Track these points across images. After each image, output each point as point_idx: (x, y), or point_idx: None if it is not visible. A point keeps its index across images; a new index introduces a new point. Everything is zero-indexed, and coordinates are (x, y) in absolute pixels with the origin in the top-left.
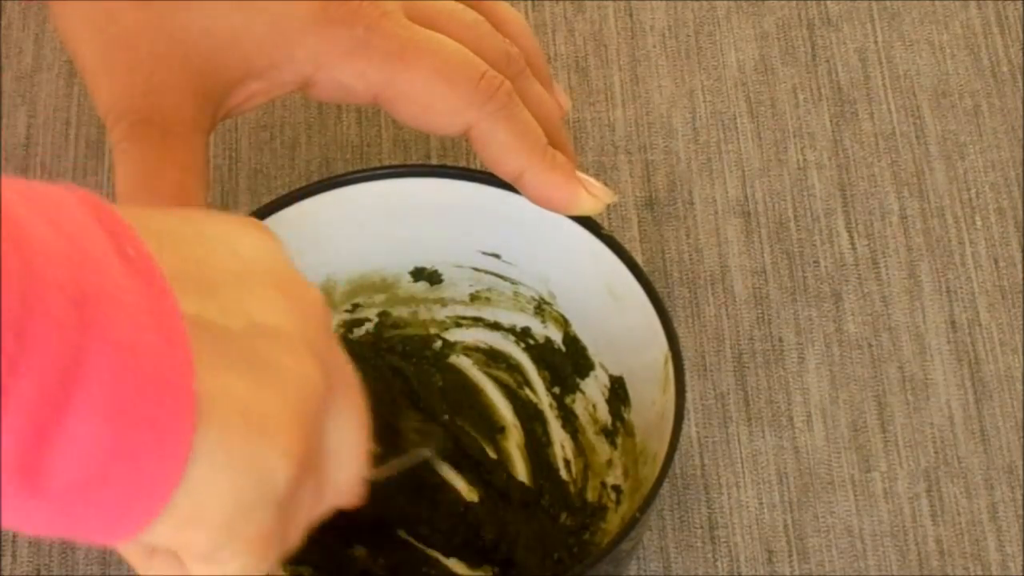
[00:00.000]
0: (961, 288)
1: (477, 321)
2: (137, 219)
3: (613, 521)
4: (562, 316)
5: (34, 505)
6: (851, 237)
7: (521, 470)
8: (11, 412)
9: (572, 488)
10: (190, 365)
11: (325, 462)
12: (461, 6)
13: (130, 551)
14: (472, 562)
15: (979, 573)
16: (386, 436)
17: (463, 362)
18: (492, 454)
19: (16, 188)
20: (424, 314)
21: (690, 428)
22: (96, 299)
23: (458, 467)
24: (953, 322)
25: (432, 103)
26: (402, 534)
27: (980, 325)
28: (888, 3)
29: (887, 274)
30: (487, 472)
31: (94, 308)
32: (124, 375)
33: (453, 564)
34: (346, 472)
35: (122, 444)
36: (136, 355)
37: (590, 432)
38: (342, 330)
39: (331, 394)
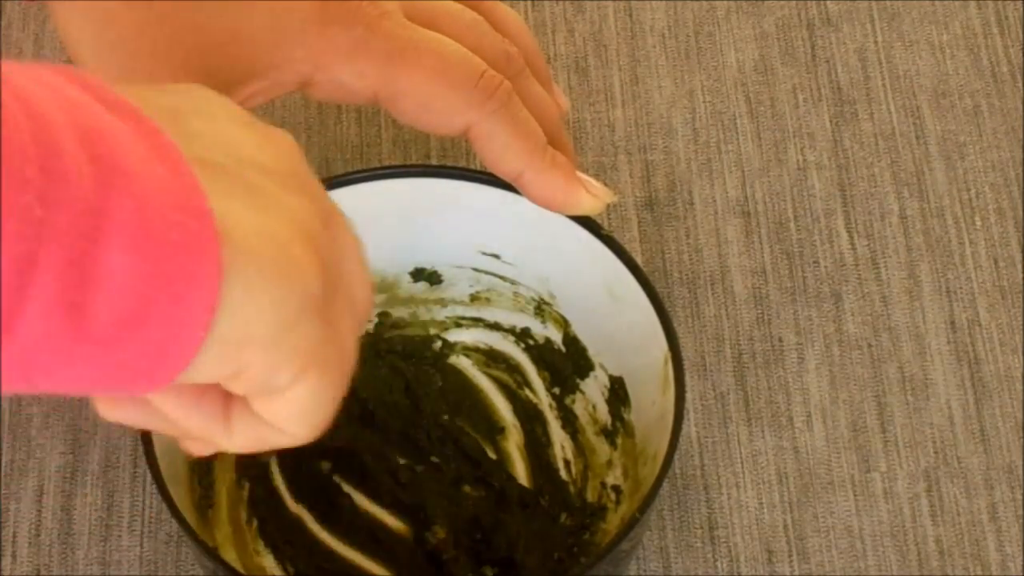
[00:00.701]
0: (961, 288)
1: (477, 322)
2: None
3: (613, 521)
4: (562, 316)
5: (83, 351)
6: (851, 237)
7: (521, 470)
8: (51, 244)
9: (572, 488)
10: (200, 189)
11: (345, 284)
12: (460, 6)
13: (205, 425)
14: (472, 562)
15: (979, 573)
16: None
17: (463, 363)
18: (492, 454)
19: None
20: (424, 315)
21: (690, 428)
22: (97, 135)
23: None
24: (953, 322)
25: (432, 103)
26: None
27: (980, 325)
28: (888, 3)
29: (887, 274)
30: (486, 473)
31: (99, 145)
32: (144, 202)
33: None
34: (362, 290)
35: (156, 271)
36: (149, 183)
37: (590, 432)
38: None
39: (325, 220)
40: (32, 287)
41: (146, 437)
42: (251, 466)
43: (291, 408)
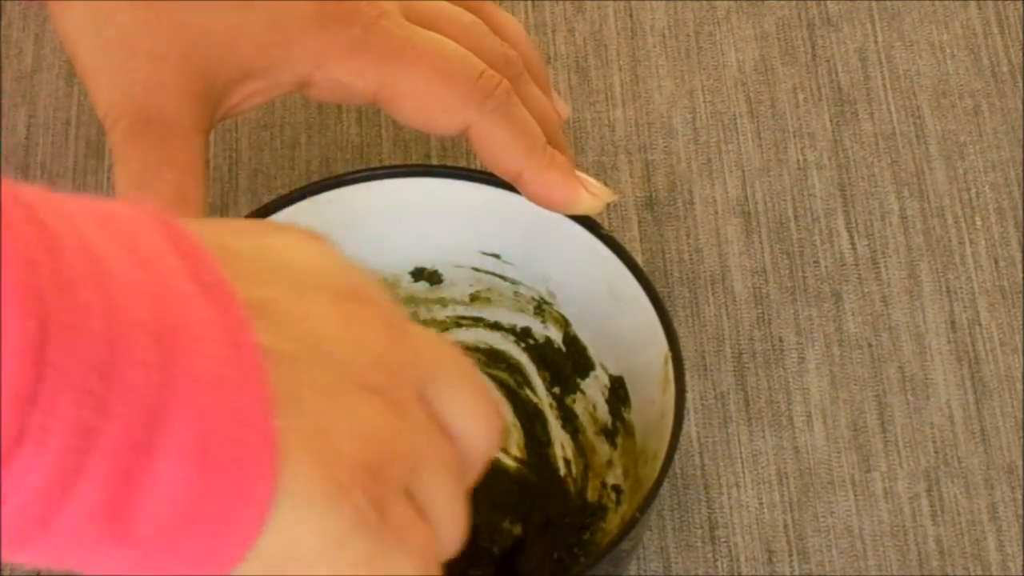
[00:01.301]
0: (961, 288)
1: (477, 321)
2: (201, 235)
3: (613, 521)
4: (562, 316)
5: (119, 553)
6: (851, 237)
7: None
8: (101, 456)
9: (572, 488)
10: (270, 402)
11: (425, 467)
12: (459, 8)
13: None
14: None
15: (979, 573)
16: None
17: None
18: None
19: (92, 213)
20: (424, 314)
21: (690, 428)
22: (178, 333)
23: None
24: (953, 322)
25: (431, 102)
26: None
27: (980, 325)
28: (888, 3)
29: (887, 274)
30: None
31: (176, 344)
32: (207, 414)
33: None
34: (475, 447)
35: (208, 485)
36: (218, 392)
37: (590, 432)
38: None
39: (400, 415)
40: (74, 493)
41: None
42: None
43: None
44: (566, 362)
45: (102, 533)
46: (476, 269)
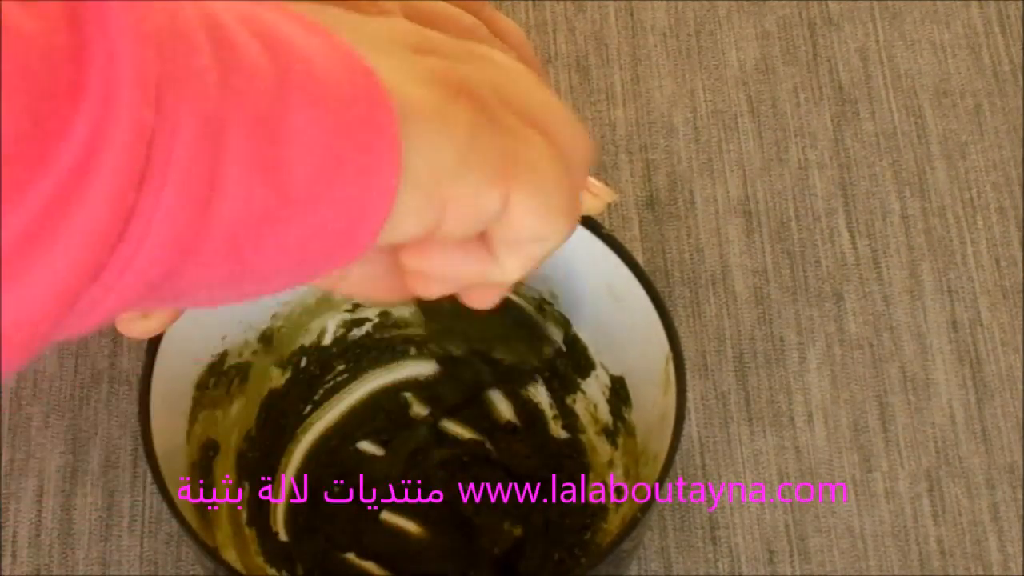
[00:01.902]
0: (962, 288)
1: None
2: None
3: (614, 521)
4: (563, 316)
5: (286, 214)
6: (852, 237)
7: None
8: (233, 104)
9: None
10: (357, 53)
11: (513, 98)
12: (459, 10)
13: (479, 267)
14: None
15: (980, 573)
16: None
17: None
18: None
19: None
20: None
21: (691, 428)
22: (251, 15)
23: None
24: (954, 322)
25: None
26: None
27: (981, 325)
28: (889, 3)
29: (888, 274)
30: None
31: (255, 21)
32: (313, 64)
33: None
34: (541, 99)
35: (339, 121)
36: (312, 50)
37: (591, 432)
38: (342, 330)
39: (463, 57)
40: (227, 150)
41: (146, 437)
42: (252, 468)
43: (528, 217)
44: (567, 362)
45: (265, 192)
46: None
